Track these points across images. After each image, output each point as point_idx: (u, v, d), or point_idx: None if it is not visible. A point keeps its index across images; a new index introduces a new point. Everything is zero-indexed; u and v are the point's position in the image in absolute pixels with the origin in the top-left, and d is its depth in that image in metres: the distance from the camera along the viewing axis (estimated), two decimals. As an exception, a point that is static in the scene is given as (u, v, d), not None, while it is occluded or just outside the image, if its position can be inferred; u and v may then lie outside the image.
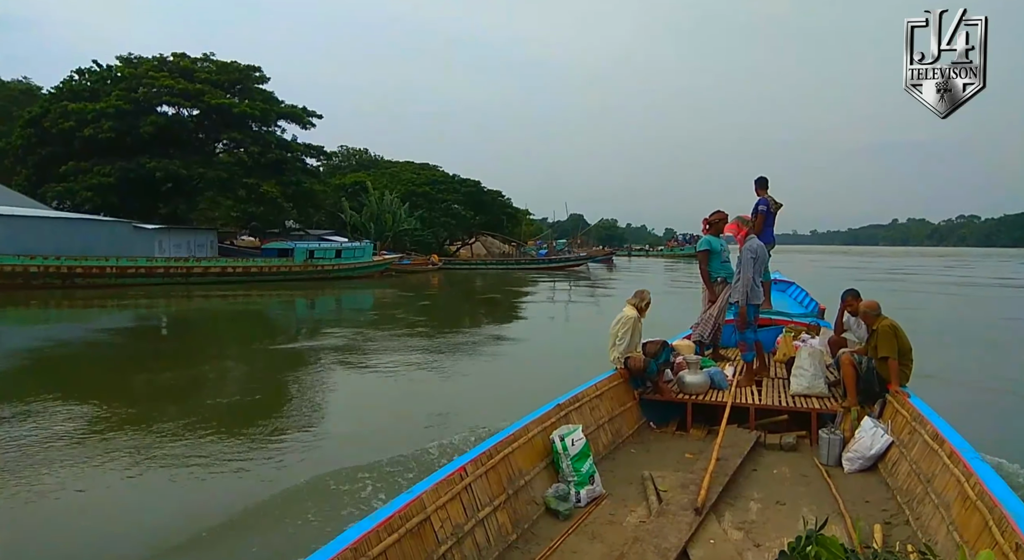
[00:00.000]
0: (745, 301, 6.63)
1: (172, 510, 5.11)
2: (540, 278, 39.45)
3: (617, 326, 6.07)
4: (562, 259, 50.72)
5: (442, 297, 28.02)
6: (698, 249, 7.78)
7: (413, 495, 3.16)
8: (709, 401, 5.96)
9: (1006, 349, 13.66)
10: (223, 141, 37.61)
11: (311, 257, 33.89)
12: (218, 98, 35.33)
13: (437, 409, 8.03)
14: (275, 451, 6.46)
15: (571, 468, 4.24)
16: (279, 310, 22.79)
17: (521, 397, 7.02)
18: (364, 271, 35.84)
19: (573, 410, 5.00)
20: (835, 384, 6.09)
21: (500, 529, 3.64)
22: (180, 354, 13.36)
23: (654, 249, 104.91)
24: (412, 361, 11.49)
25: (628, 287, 29.93)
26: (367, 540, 2.73)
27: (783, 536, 3.68)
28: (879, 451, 4.73)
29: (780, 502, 4.27)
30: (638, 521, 3.96)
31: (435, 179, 54.60)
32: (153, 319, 19.62)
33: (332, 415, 8.23)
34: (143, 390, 9.49)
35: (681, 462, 5.05)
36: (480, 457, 3.78)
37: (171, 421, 7.39)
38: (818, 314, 9.42)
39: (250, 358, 12.62)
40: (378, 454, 5.84)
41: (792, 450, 5.33)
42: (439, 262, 44.51)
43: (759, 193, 8.56)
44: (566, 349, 13.23)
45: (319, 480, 5.36)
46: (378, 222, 46.32)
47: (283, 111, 39.09)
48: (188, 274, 29.80)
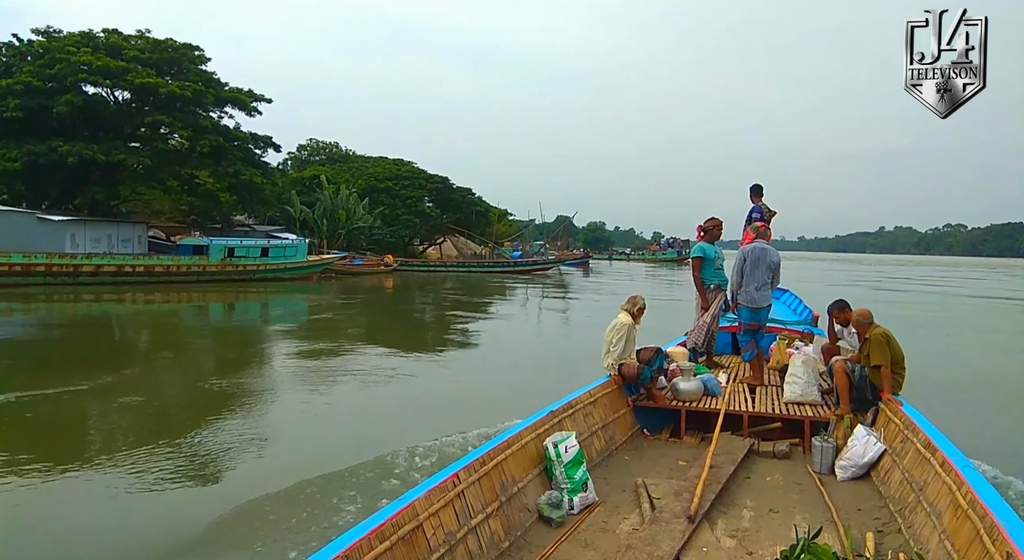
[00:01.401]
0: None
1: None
2: (504, 282, 37.22)
3: (611, 333, 6.07)
4: (528, 263, 48.10)
5: (375, 305, 24.74)
6: (692, 256, 7.80)
7: (405, 502, 3.14)
8: (703, 408, 5.96)
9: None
10: (148, 125, 33.16)
11: (230, 255, 29.86)
12: (142, 77, 30.97)
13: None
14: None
15: (564, 475, 4.23)
16: (139, 319, 19.43)
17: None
18: (297, 272, 32.51)
19: (566, 417, 4.99)
20: (828, 392, 6.11)
21: (493, 536, 3.63)
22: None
23: (635, 253, 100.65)
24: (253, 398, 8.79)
25: (595, 296, 28.21)
26: (358, 547, 2.71)
27: (776, 544, 3.68)
28: (872, 459, 4.74)
29: (773, 510, 4.27)
30: (631, 529, 3.95)
31: (399, 174, 50.43)
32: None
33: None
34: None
35: (674, 469, 5.05)
36: (473, 464, 3.77)
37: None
38: (812, 321, 9.45)
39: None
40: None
41: (785, 458, 5.34)
42: (394, 263, 41.07)
43: (754, 200, 8.60)
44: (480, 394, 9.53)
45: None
46: (331, 219, 43.18)
47: (225, 95, 35.12)
48: (76, 273, 25.66)
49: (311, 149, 65.49)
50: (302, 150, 65.17)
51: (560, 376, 9.61)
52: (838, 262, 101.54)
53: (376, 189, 47.91)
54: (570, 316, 21.99)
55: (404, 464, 5.67)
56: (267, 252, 31.43)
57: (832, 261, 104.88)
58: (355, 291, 29.06)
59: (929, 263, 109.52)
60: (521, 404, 6.62)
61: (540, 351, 13.93)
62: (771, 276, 6.83)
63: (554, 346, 14.76)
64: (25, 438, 6.91)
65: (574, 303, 26.59)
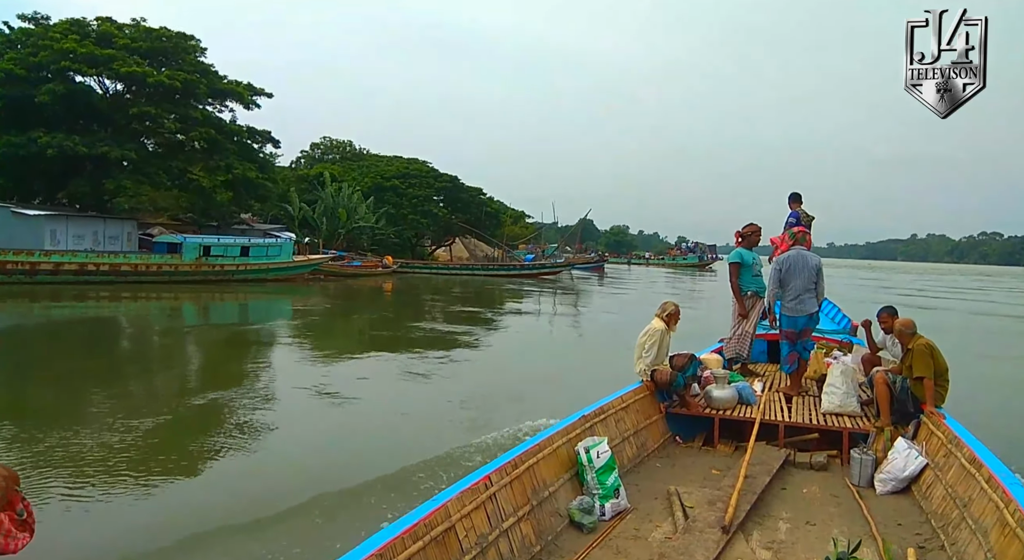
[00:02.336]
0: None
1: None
2: (506, 286, 35.17)
3: (644, 338, 6.02)
4: (535, 266, 45.53)
5: (355, 312, 22.46)
6: (729, 261, 7.66)
7: (438, 503, 3.15)
8: (737, 417, 5.87)
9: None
10: (134, 117, 31.07)
11: (205, 254, 27.76)
12: (128, 66, 29.26)
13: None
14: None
15: (596, 481, 4.21)
16: (76, 324, 17.43)
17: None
18: (281, 273, 30.43)
19: (598, 422, 4.96)
20: (868, 403, 5.97)
21: (524, 540, 3.62)
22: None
23: (655, 257, 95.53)
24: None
25: (602, 310, 25.69)
26: (392, 547, 2.73)
27: (813, 557, 3.60)
28: (913, 473, 4.61)
29: (810, 523, 4.18)
30: (663, 537, 3.91)
31: (406, 172, 48.36)
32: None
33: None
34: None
35: (708, 478, 4.98)
36: (505, 467, 3.76)
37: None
38: (850, 330, 9.26)
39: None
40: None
41: (823, 469, 5.22)
42: (393, 264, 39.07)
43: (792, 206, 8.45)
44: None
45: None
46: (331, 218, 41.42)
47: (222, 87, 33.47)
48: (33, 272, 23.91)
49: (324, 147, 64.15)
50: (315, 148, 63.94)
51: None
52: (872, 270, 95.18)
53: (382, 188, 46.17)
54: (564, 337, 18.26)
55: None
56: (247, 251, 29.17)
57: (866, 269, 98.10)
58: (343, 295, 27.44)
59: (968, 272, 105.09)
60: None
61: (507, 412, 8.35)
62: (814, 283, 6.58)
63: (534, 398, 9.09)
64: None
65: (571, 319, 22.89)
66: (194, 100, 32.51)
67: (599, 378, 8.18)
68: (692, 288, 39.61)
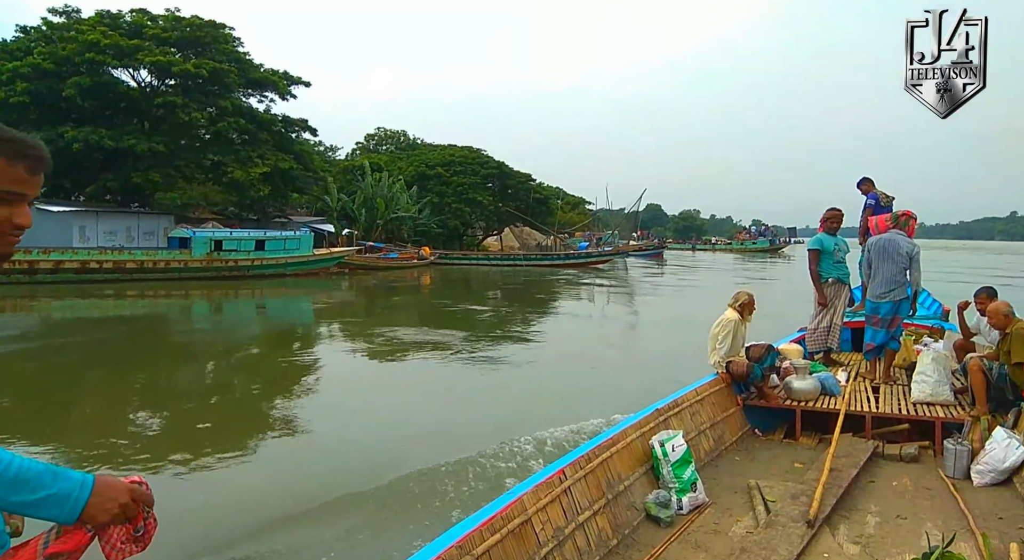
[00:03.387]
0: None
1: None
2: (547, 277, 32.50)
3: (716, 329, 5.90)
4: (581, 255, 42.53)
5: (363, 314, 19.70)
6: (809, 248, 7.39)
7: (514, 497, 3.20)
8: (820, 408, 5.67)
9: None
10: (161, 107, 30.17)
11: (216, 249, 26.05)
12: (153, 55, 28.46)
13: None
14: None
15: (672, 474, 4.16)
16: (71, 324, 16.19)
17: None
18: (301, 268, 28.58)
19: (673, 415, 4.90)
20: (962, 391, 5.67)
21: (600, 534, 3.62)
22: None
23: (722, 242, 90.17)
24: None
25: (640, 302, 23.23)
26: (471, 539, 2.79)
27: (905, 552, 3.45)
28: (1014, 464, 4.34)
29: (901, 516, 4.01)
30: (744, 532, 3.83)
31: (451, 159, 46.05)
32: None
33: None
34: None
35: (790, 472, 4.84)
36: (579, 461, 3.78)
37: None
38: (942, 316, 8.79)
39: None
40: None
41: (914, 461, 4.98)
42: (430, 255, 37.26)
43: (865, 188, 8.10)
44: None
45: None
46: (370, 209, 39.63)
47: (256, 77, 32.37)
48: (32, 271, 22.36)
49: (379, 138, 63.20)
50: (370, 139, 63.26)
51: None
52: (963, 252, 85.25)
53: (425, 176, 44.23)
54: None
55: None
56: (263, 245, 27.47)
57: (957, 251, 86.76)
58: (364, 291, 25.34)
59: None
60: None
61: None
62: (905, 269, 6.23)
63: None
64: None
65: (600, 323, 18.58)
66: (225, 90, 31.38)
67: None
68: (763, 275, 36.70)
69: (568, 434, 6.59)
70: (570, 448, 5.11)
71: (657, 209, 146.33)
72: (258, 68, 33.08)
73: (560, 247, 48.78)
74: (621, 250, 46.32)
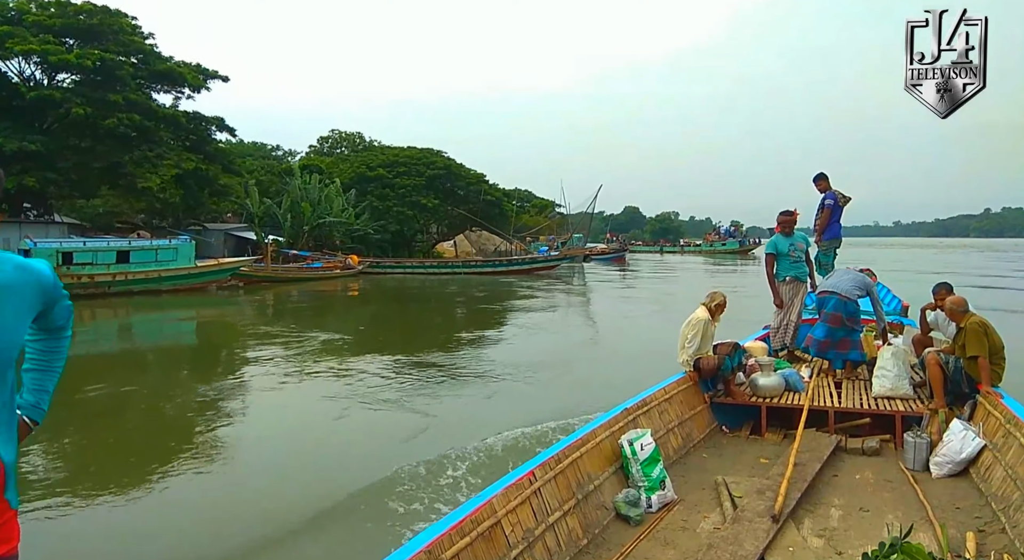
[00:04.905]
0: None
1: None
2: (481, 287, 28.28)
3: (687, 327, 5.97)
4: (526, 260, 39.28)
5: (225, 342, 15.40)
6: (765, 252, 7.59)
7: (483, 499, 3.20)
8: (784, 404, 5.77)
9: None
10: (36, 102, 26.55)
11: (66, 263, 21.64)
12: (25, 44, 25.17)
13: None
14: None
15: (641, 473, 4.20)
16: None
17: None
18: (179, 282, 24.04)
19: (641, 414, 4.94)
20: (920, 385, 5.82)
21: (571, 534, 3.64)
22: None
23: (691, 244, 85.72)
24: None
25: (575, 319, 19.06)
26: (440, 543, 2.79)
27: (867, 544, 3.53)
28: (970, 455, 4.48)
29: (863, 509, 4.10)
30: (712, 528, 3.89)
31: (395, 160, 42.92)
32: None
33: None
34: None
35: (756, 467, 4.92)
36: (548, 462, 3.79)
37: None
38: (901, 311, 9.01)
39: None
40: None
41: (875, 454, 5.11)
42: (358, 264, 33.39)
43: (822, 186, 8.27)
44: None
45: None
46: (296, 213, 36.18)
47: (163, 69, 29.11)
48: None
49: (333, 141, 59.76)
50: (323, 142, 59.88)
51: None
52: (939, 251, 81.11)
53: (365, 178, 40.70)
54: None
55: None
56: (127, 256, 23.07)
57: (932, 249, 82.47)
58: (257, 309, 21.66)
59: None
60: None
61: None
62: (862, 290, 6.48)
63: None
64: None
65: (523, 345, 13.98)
66: (119, 83, 27.51)
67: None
68: (729, 282, 31.60)
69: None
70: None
71: (635, 211, 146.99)
72: (166, 60, 30.04)
73: (520, 252, 45.75)
74: (571, 254, 42.08)
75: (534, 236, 53.67)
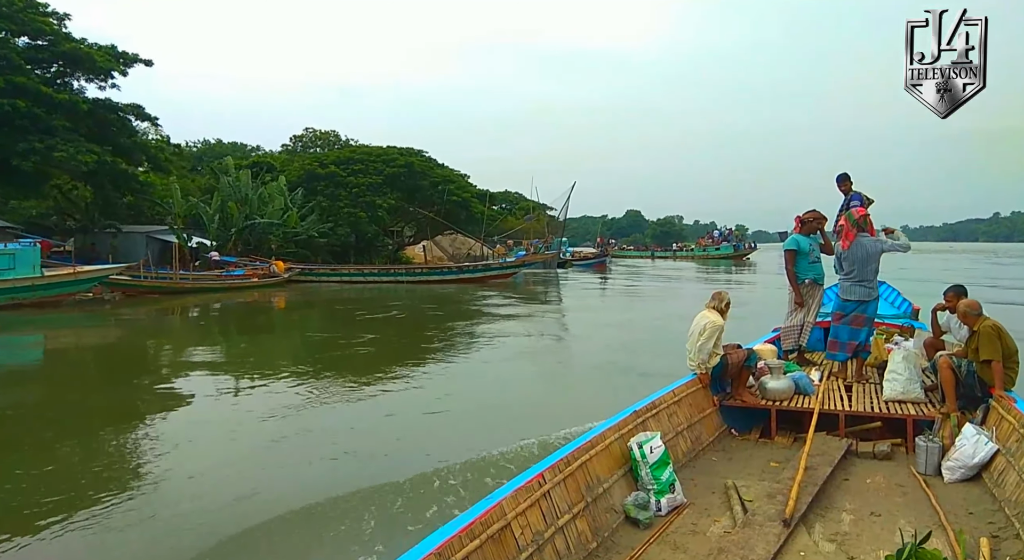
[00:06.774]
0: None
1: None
2: (426, 300, 23.75)
3: (704, 331, 5.90)
4: (478, 268, 34.73)
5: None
6: (785, 248, 7.46)
7: (493, 501, 3.19)
8: (794, 408, 5.73)
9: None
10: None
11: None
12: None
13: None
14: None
15: (650, 476, 4.18)
16: None
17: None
18: (20, 295, 19.48)
19: (650, 417, 4.92)
20: (932, 389, 5.77)
21: (580, 537, 3.62)
22: None
23: (682, 248, 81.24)
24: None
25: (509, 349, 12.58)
26: (450, 545, 2.77)
27: (880, 549, 3.50)
28: (983, 460, 4.43)
29: (875, 513, 4.07)
30: (722, 532, 3.86)
31: (349, 157, 38.94)
32: None
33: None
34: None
35: (766, 471, 4.89)
36: (558, 464, 3.77)
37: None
38: (912, 315, 8.95)
39: None
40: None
41: (887, 459, 5.06)
42: (283, 271, 29.69)
43: (845, 187, 8.12)
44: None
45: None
46: (225, 214, 32.49)
47: (66, 50, 25.78)
48: None
49: (307, 140, 56.52)
50: (296, 141, 56.65)
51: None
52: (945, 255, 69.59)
53: (315, 176, 36.74)
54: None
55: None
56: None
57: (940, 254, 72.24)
58: (99, 335, 16.61)
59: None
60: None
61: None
62: (876, 269, 6.48)
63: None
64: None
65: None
66: (6, 64, 24.18)
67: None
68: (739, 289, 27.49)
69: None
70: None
71: (637, 215, 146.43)
72: (78, 42, 26.47)
73: (497, 257, 42.67)
74: (534, 260, 38.75)
75: (516, 239, 50.26)
